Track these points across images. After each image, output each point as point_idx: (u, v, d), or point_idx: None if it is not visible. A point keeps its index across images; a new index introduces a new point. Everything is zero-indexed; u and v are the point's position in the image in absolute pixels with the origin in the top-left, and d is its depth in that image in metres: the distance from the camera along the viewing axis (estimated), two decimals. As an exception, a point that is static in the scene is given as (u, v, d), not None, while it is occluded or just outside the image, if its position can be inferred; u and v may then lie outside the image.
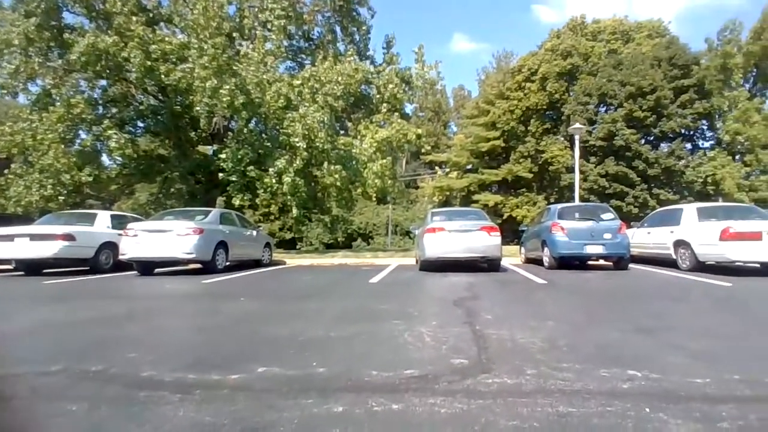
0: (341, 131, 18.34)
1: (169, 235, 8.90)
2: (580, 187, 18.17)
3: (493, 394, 2.25)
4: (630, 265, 9.79)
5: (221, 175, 14.98)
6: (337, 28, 19.20)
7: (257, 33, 16.18)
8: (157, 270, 10.05)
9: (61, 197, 14.94)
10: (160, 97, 17.07)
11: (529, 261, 11.72)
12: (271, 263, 12.50)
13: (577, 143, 16.66)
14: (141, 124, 17.76)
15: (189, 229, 9.00)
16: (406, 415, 2.01)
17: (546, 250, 9.89)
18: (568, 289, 6.82)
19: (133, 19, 14.41)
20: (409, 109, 22.29)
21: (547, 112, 32.55)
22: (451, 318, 4.31)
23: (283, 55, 17.25)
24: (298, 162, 14.75)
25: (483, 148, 33.68)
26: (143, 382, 2.50)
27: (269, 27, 16.08)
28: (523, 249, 12.52)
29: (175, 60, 14.61)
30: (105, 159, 16.78)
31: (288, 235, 32.30)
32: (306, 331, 3.81)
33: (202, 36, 13.89)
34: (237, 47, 16.00)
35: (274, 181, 14.75)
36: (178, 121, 16.84)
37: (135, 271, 9.63)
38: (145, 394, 2.30)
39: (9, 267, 10.81)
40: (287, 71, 18.30)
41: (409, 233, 26.35)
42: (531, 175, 31.85)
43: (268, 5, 15.89)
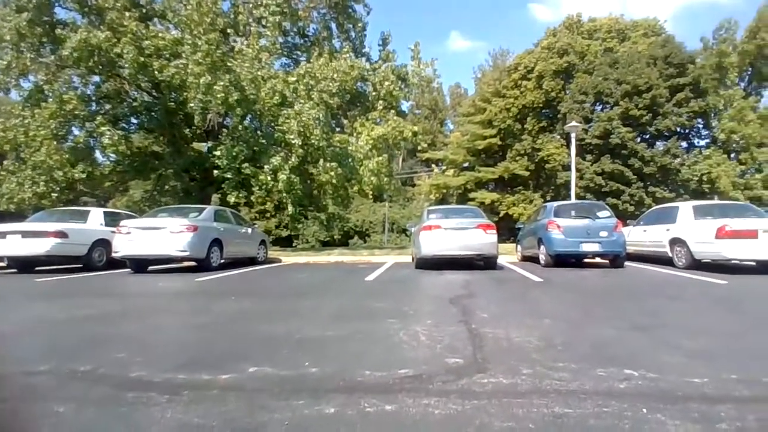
0: (337, 128, 18.24)
1: (163, 233, 8.82)
2: (576, 185, 18.17)
3: (488, 394, 2.22)
4: (626, 263, 9.79)
5: (216, 172, 14.87)
6: (333, 25, 19.10)
7: (252, 29, 16.08)
8: (151, 267, 9.99)
9: (54, 194, 14.81)
10: (153, 93, 16.93)
11: (525, 259, 11.71)
12: (267, 261, 12.44)
13: (573, 141, 16.65)
14: (135, 121, 17.63)
15: (183, 226, 8.92)
16: (399, 416, 1.97)
17: (542, 247, 9.88)
18: (564, 287, 6.81)
19: (126, 14, 14.26)
20: (405, 106, 22.31)
21: (543, 110, 32.58)
22: (447, 316, 4.28)
23: (278, 51, 17.13)
24: (293, 159, 14.68)
25: (479, 146, 33.67)
26: (132, 382, 2.46)
27: (264, 23, 15.98)
28: (519, 247, 12.51)
29: (168, 56, 14.48)
30: (98, 156, 16.65)
31: (284, 232, 32.22)
32: (300, 329, 3.76)
33: (195, 32, 13.78)
34: (231, 43, 15.87)
35: (270, 178, 14.67)
36: (172, 118, 16.71)
37: (128, 269, 9.57)
38: (134, 395, 2.27)
39: (1, 264, 10.71)
40: (282, 68, 18.20)
41: (406, 231, 26.32)
42: (527, 173, 31.89)
43: (263, 1, 15.78)
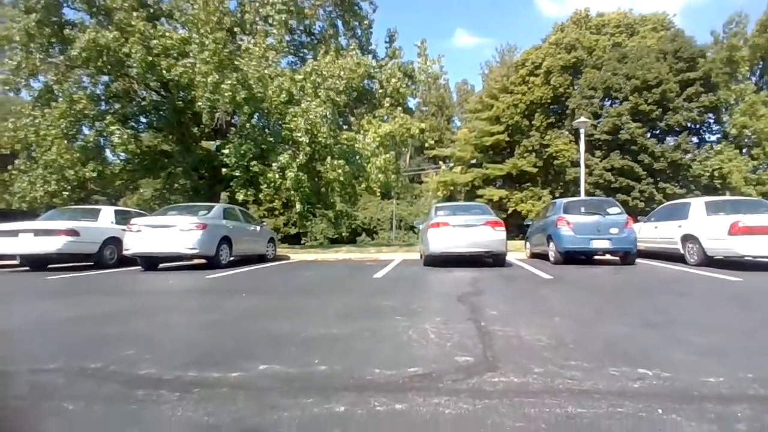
0: (344, 126, 18.25)
1: (173, 231, 8.87)
2: (585, 181, 17.98)
3: (500, 393, 2.19)
4: (637, 260, 9.69)
5: (224, 170, 14.96)
6: (339, 23, 19.09)
7: (258, 27, 16.10)
8: (161, 265, 10.05)
9: (66, 193, 14.98)
10: (162, 92, 17.05)
11: (534, 256, 11.63)
12: (275, 258, 12.48)
13: (582, 137, 16.48)
14: (144, 120, 17.79)
15: (192, 224, 8.97)
16: (410, 416, 1.95)
17: (551, 244, 9.79)
18: (575, 284, 6.73)
19: (134, 14, 14.37)
20: (412, 103, 22.25)
21: (551, 106, 32.33)
22: (456, 314, 4.25)
23: (285, 49, 17.17)
24: (301, 157, 14.71)
25: (487, 143, 33.49)
26: (142, 380, 2.46)
27: (270, 21, 16.00)
28: (528, 244, 12.43)
29: (176, 55, 14.56)
30: (109, 155, 16.83)
31: (293, 230, 32.34)
32: (308, 327, 3.75)
33: (203, 31, 13.84)
34: (238, 42, 15.92)
35: (278, 176, 14.72)
36: (180, 117, 16.82)
37: (139, 267, 9.64)
38: (143, 392, 2.26)
39: (14, 262, 10.84)
40: (289, 66, 18.24)
41: (414, 228, 26.29)
42: (535, 170, 31.69)
43: (270, 0, 15.78)
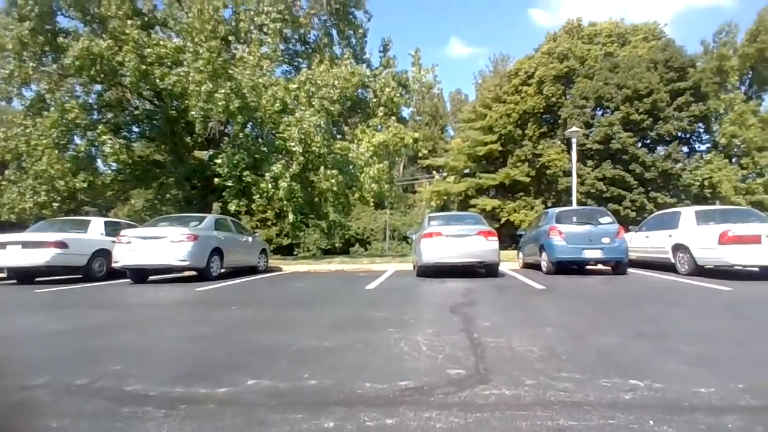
0: (338, 135, 18.29)
1: (163, 242, 8.79)
2: (577, 190, 18.12)
3: (491, 406, 2.18)
4: (628, 270, 9.72)
5: (217, 180, 14.90)
6: (334, 32, 19.20)
7: (253, 36, 16.17)
8: (151, 277, 9.95)
9: (56, 204, 14.84)
10: (155, 101, 17.02)
11: (527, 266, 11.64)
12: (267, 270, 12.39)
13: (574, 147, 16.61)
14: (136, 129, 17.70)
15: (183, 235, 8.89)
16: (400, 430, 1.93)
17: (544, 254, 9.82)
18: (567, 294, 6.75)
19: (128, 22, 14.37)
20: (406, 113, 22.38)
21: (543, 116, 32.59)
22: (448, 325, 4.23)
23: (279, 58, 17.22)
24: (294, 167, 14.69)
25: (480, 152, 33.64)
26: (128, 396, 2.42)
27: (265, 30, 16.07)
28: (520, 254, 12.45)
29: (170, 64, 14.57)
30: (100, 165, 16.70)
31: (285, 241, 32.19)
32: (299, 340, 3.72)
33: (197, 39, 13.87)
34: (233, 51, 15.96)
35: (270, 186, 14.68)
36: (173, 126, 16.77)
37: (128, 279, 9.53)
38: (129, 409, 2.23)
39: (1, 275, 10.68)
40: (283, 75, 18.28)
41: (407, 238, 26.30)
42: (528, 179, 31.83)
43: (264, 8, 15.89)
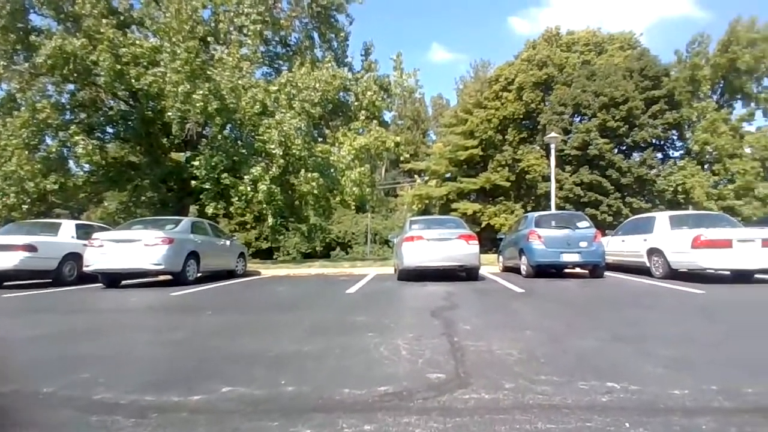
0: (319, 138, 18.15)
1: (137, 245, 8.56)
2: (556, 195, 18.43)
3: (470, 411, 2.17)
4: (605, 273, 9.89)
5: (194, 182, 14.61)
6: (315, 35, 19.08)
7: (232, 38, 15.95)
8: (125, 282, 9.69)
9: (25, 206, 14.33)
10: (130, 102, 16.63)
11: (507, 269, 11.74)
12: (246, 274, 12.21)
13: (553, 152, 16.90)
14: (110, 130, 17.24)
15: (158, 238, 8.68)
16: (378, 438, 1.89)
17: (523, 258, 9.91)
18: (546, 297, 6.83)
19: (104, 21, 14.00)
20: (387, 116, 22.34)
21: (523, 122, 33.06)
22: (429, 329, 4.23)
23: (260, 60, 17.04)
24: (274, 169, 14.51)
25: (461, 157, 33.92)
26: (97, 405, 2.34)
27: (245, 32, 15.88)
28: (501, 257, 12.55)
29: (146, 64, 14.25)
30: (72, 166, 16.21)
31: (264, 244, 31.82)
32: (276, 346, 3.65)
33: (174, 39, 13.61)
34: (211, 52, 15.69)
35: (249, 189, 14.46)
36: (149, 127, 16.39)
37: (100, 284, 9.24)
38: (98, 418, 2.15)
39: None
40: (264, 77, 18.07)
41: (388, 242, 26.29)
42: (508, 184, 32.21)
43: (244, 10, 15.70)
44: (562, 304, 6.23)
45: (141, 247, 8.55)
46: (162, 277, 10.04)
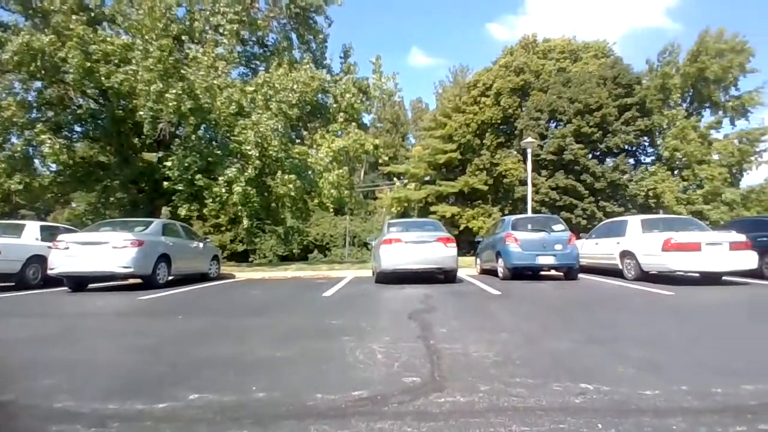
0: (297, 140, 17.97)
1: (105, 248, 8.27)
2: (532, 199, 18.71)
3: (445, 414, 2.15)
4: (579, 275, 10.07)
5: (166, 183, 14.24)
6: (293, 36, 18.91)
7: (208, 37, 15.66)
8: (91, 285, 9.38)
9: (-12, 207, 13.75)
10: (100, 100, 16.13)
11: (484, 272, 11.83)
12: (220, 277, 11.97)
13: (529, 157, 17.18)
14: (79, 129, 16.67)
15: (127, 241, 8.40)
16: (350, 444, 1.84)
17: (500, 260, 10.00)
18: (522, 300, 6.89)
19: (73, 17, 13.58)
20: (366, 119, 22.31)
21: (501, 127, 33.50)
22: (405, 332, 4.20)
23: (236, 60, 16.79)
24: (250, 171, 14.27)
25: (440, 160, 34.15)
26: (57, 413, 2.25)
27: (221, 31, 15.62)
28: (478, 260, 12.65)
29: (117, 61, 13.86)
30: (38, 165, 15.61)
31: (240, 247, 31.25)
32: (249, 351, 3.56)
33: (147, 37, 13.29)
34: (186, 51, 15.37)
35: (224, 190, 14.19)
36: (119, 127, 15.91)
37: (66, 287, 8.91)
38: (57, 428, 2.07)
39: None
40: (240, 77, 17.82)
41: (367, 245, 26.22)
42: (486, 188, 32.55)
43: (220, 9, 15.44)
44: (537, 306, 6.29)
45: (109, 249, 8.26)
46: (131, 281, 9.75)
